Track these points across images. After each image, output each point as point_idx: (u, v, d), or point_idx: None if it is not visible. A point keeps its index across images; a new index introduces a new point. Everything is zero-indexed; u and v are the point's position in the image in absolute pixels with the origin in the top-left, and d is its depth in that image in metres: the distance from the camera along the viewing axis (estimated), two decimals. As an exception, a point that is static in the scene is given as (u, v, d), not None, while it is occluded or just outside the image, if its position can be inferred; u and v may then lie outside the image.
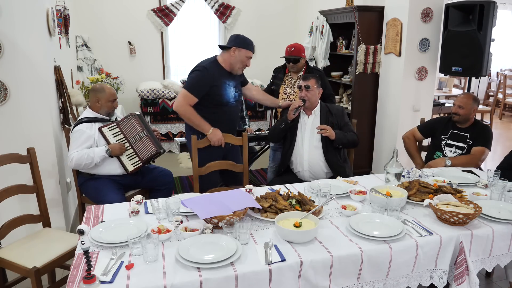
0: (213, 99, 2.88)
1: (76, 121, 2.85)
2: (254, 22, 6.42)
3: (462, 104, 3.04)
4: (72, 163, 2.71)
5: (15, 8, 2.71)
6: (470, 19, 3.74)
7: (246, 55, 2.89)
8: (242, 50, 2.87)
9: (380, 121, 4.63)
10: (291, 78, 3.55)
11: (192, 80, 2.85)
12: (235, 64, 2.90)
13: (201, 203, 1.95)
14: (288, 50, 3.47)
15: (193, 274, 1.55)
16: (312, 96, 2.95)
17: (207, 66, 2.86)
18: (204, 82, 2.83)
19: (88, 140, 2.75)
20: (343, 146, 2.95)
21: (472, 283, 1.88)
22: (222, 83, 2.89)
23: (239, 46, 2.86)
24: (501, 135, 7.14)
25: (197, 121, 2.85)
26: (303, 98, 2.94)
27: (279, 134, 3.04)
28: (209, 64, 2.88)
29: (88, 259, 1.50)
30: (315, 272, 1.68)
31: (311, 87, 2.93)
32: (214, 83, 2.85)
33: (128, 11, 5.88)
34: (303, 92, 2.95)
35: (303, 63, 3.50)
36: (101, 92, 2.82)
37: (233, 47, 2.85)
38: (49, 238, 2.34)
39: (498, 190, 2.27)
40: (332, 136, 2.83)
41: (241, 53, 2.87)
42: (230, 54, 2.87)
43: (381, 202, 2.06)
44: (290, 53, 3.45)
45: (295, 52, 3.43)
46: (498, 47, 7.33)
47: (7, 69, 2.77)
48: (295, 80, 3.52)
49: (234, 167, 2.96)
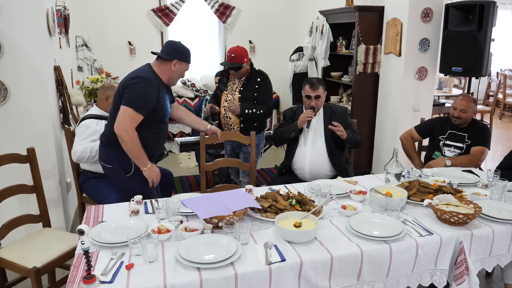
0: (154, 115, 2.48)
1: (83, 117, 2.86)
2: (254, 22, 6.42)
3: (464, 108, 3.03)
4: (76, 156, 2.72)
5: (15, 8, 2.71)
6: (470, 19, 3.74)
7: (186, 68, 2.57)
8: (183, 64, 2.53)
9: (380, 121, 4.63)
10: (233, 83, 3.32)
11: (137, 94, 2.35)
12: (175, 78, 2.55)
13: (201, 203, 1.95)
14: (228, 56, 3.15)
15: (193, 274, 1.55)
16: (321, 103, 2.96)
17: (150, 76, 2.42)
18: (151, 95, 2.40)
19: (93, 134, 2.77)
20: (351, 146, 2.96)
21: (472, 283, 1.88)
22: (162, 96, 2.50)
23: (182, 59, 2.50)
24: (501, 135, 7.14)
25: (139, 152, 2.42)
26: (312, 107, 2.91)
27: (286, 141, 3.07)
28: (150, 74, 2.44)
29: (88, 259, 1.50)
30: (315, 272, 1.68)
31: (321, 96, 2.93)
32: (159, 95, 2.46)
33: (128, 11, 5.88)
34: (313, 101, 2.91)
35: (246, 68, 3.23)
36: (111, 90, 2.83)
37: (175, 60, 2.47)
38: (49, 238, 2.34)
39: (498, 190, 2.27)
40: (344, 136, 2.84)
41: (182, 67, 2.53)
42: (171, 67, 2.48)
43: (381, 202, 2.06)
44: (230, 60, 3.14)
45: (235, 59, 3.12)
46: (498, 47, 7.33)
47: (7, 69, 2.77)
48: (237, 86, 3.29)
49: (241, 165, 2.97)
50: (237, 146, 3.44)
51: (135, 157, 2.44)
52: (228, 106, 3.26)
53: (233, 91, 3.29)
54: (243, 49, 3.17)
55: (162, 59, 2.48)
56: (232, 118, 3.28)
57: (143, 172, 2.49)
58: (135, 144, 2.39)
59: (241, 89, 3.24)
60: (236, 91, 3.27)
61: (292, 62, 6.03)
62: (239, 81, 3.29)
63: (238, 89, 3.27)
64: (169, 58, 2.46)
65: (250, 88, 3.23)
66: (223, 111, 3.33)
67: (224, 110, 3.31)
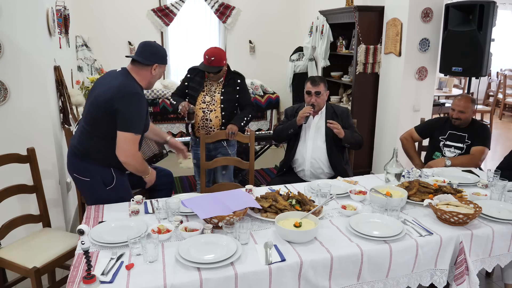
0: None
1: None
2: (254, 22, 6.42)
3: (463, 109, 3.03)
4: None
5: (15, 8, 2.71)
6: (470, 19, 3.74)
7: (163, 70, 2.44)
8: (162, 66, 2.39)
9: (380, 121, 4.63)
10: (211, 85, 3.16)
11: (134, 116, 2.22)
12: (154, 81, 2.41)
13: (201, 203, 1.95)
14: (207, 59, 2.98)
15: (193, 274, 1.55)
16: (322, 100, 2.96)
17: (138, 90, 2.27)
18: (144, 111, 2.29)
19: None
20: (350, 146, 2.96)
21: (472, 283, 1.88)
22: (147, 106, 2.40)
23: (161, 62, 2.36)
24: (501, 135, 7.14)
25: (144, 167, 2.38)
26: (312, 104, 2.92)
27: (285, 137, 3.06)
28: (136, 85, 2.29)
29: (88, 259, 1.50)
30: (315, 272, 1.68)
31: (321, 93, 2.93)
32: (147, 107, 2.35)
33: (128, 11, 5.88)
34: (313, 98, 2.92)
35: (224, 70, 3.11)
36: None
37: (155, 64, 2.32)
38: (49, 238, 2.33)
39: (498, 190, 2.27)
40: (341, 134, 2.84)
41: (161, 69, 2.39)
42: (151, 71, 2.33)
43: (381, 202, 2.06)
44: (210, 63, 2.98)
45: (215, 62, 2.97)
46: (498, 47, 7.33)
47: (7, 69, 2.77)
48: (217, 88, 3.15)
49: (241, 164, 2.97)
50: (214, 148, 3.25)
51: (140, 172, 2.38)
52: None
53: (212, 92, 3.14)
54: (221, 51, 3.04)
55: (141, 64, 2.30)
56: (213, 120, 3.14)
57: (145, 178, 2.46)
58: (141, 163, 2.35)
59: (223, 90, 3.14)
60: (217, 92, 3.14)
61: (292, 62, 6.03)
62: (217, 83, 3.16)
63: (218, 91, 3.14)
64: (149, 63, 2.30)
65: (231, 89, 3.15)
66: (201, 113, 3.14)
67: (203, 112, 3.14)
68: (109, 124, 2.23)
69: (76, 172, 2.38)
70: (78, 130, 2.38)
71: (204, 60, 3.00)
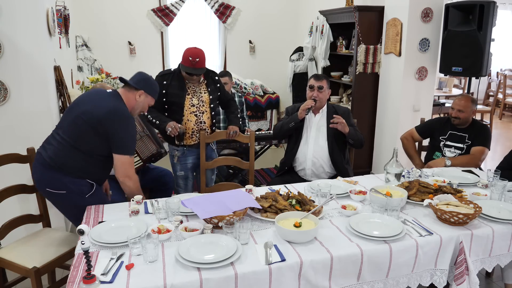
0: None
1: None
2: (254, 22, 6.42)
3: (462, 108, 3.03)
4: None
5: (15, 8, 2.71)
6: (470, 19, 3.74)
7: (150, 103, 2.43)
8: (149, 97, 2.40)
9: (380, 121, 4.63)
10: (195, 86, 3.02)
11: (129, 141, 2.27)
12: (137, 109, 2.40)
13: (201, 203, 1.95)
14: (191, 61, 2.85)
15: (193, 274, 1.55)
16: (324, 96, 2.97)
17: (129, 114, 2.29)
18: (135, 133, 2.37)
19: None
20: (353, 143, 2.96)
21: (472, 283, 1.88)
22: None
23: (149, 92, 2.37)
24: (501, 135, 7.14)
25: (139, 191, 2.36)
26: (314, 98, 2.93)
27: (286, 132, 3.04)
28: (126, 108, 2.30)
29: (88, 259, 1.50)
30: (315, 272, 1.68)
31: (323, 88, 2.94)
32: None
33: (128, 11, 5.88)
34: (315, 92, 2.94)
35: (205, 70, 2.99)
36: None
37: (142, 90, 2.34)
38: (49, 238, 2.33)
39: (498, 190, 2.27)
40: (346, 130, 2.85)
41: (147, 100, 2.39)
42: (136, 96, 2.34)
43: (381, 202, 2.06)
44: (195, 65, 2.86)
45: (200, 64, 2.87)
46: (498, 47, 7.33)
47: (7, 69, 2.77)
48: (200, 88, 3.03)
49: (241, 164, 2.98)
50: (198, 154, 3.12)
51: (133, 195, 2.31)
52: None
53: (198, 94, 3.01)
54: (202, 51, 2.93)
55: (130, 86, 2.34)
56: (207, 122, 3.05)
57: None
58: (137, 186, 2.34)
59: (208, 90, 3.07)
60: (203, 93, 3.03)
61: (292, 62, 6.03)
62: (198, 83, 3.04)
63: (204, 91, 3.04)
64: (136, 87, 2.33)
65: (214, 87, 3.10)
66: (193, 117, 2.98)
67: (196, 115, 2.99)
68: (92, 140, 2.22)
69: (50, 186, 2.24)
70: (55, 141, 2.26)
71: (186, 62, 2.86)
